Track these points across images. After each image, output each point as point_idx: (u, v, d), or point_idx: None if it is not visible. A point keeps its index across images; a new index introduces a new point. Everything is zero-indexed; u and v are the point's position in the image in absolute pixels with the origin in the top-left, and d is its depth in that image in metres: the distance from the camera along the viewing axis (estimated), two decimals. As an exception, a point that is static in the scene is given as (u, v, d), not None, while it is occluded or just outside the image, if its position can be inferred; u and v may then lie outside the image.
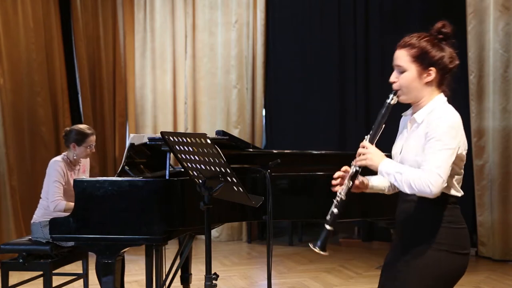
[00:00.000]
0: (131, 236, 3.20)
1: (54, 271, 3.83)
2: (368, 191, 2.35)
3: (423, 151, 2.07)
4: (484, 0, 5.80)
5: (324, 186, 3.74)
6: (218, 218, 3.48)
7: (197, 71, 7.32)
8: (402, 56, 2.15)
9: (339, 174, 2.24)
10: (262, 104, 7.17)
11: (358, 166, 2.18)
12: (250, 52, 7.11)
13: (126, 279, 4.06)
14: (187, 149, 2.58)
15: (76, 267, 4.38)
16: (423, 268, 2.10)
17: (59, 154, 4.23)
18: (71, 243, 3.64)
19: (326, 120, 6.91)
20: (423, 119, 2.13)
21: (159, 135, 2.89)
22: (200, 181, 2.65)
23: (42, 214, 3.91)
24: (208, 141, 2.43)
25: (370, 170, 2.20)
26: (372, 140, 2.19)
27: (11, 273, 3.83)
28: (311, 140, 6.67)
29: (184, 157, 2.66)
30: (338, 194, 2.20)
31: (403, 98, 2.18)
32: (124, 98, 7.54)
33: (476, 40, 5.85)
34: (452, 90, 2.21)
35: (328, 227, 2.18)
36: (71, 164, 4.02)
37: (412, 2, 6.43)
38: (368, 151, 2.16)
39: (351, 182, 2.19)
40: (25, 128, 6.25)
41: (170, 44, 7.37)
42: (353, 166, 2.19)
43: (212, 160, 2.50)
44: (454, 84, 2.22)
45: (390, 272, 2.21)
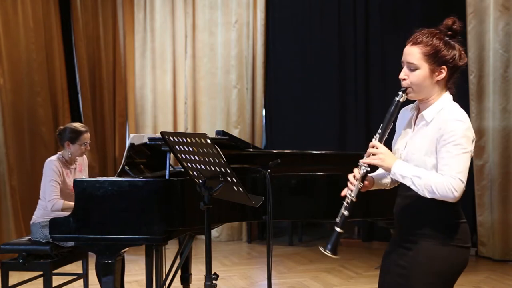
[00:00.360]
0: (131, 236, 3.20)
1: (54, 271, 3.83)
2: (372, 188, 2.32)
3: (433, 152, 2.06)
4: (484, 0, 5.80)
5: (324, 186, 3.79)
6: (218, 218, 3.48)
7: (197, 71, 7.32)
8: (414, 53, 2.11)
9: (352, 179, 2.18)
10: (262, 104, 7.17)
11: (368, 166, 2.15)
12: (250, 52, 7.11)
13: (126, 279, 4.05)
14: (187, 149, 2.58)
15: (76, 267, 4.38)
16: (427, 264, 2.09)
17: (59, 154, 4.23)
18: (71, 243, 3.63)
19: (326, 120, 6.91)
20: (432, 117, 2.11)
21: (159, 135, 2.89)
22: (200, 181, 2.65)
23: (41, 215, 3.90)
24: (208, 141, 2.43)
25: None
26: (381, 139, 2.15)
27: (11, 273, 3.83)
28: (311, 140, 6.67)
29: (184, 157, 2.66)
30: (348, 195, 2.16)
31: (412, 96, 2.16)
32: (124, 98, 7.54)
33: (476, 40, 5.85)
34: (457, 88, 2.20)
35: (338, 229, 2.14)
36: (67, 163, 4.00)
37: (412, 2, 6.43)
38: (380, 151, 2.13)
39: (362, 183, 2.16)
40: (25, 128, 6.25)
41: (170, 44, 7.37)
42: (363, 166, 2.16)
43: (212, 160, 2.50)
44: (460, 82, 2.21)
45: (391, 268, 2.20)
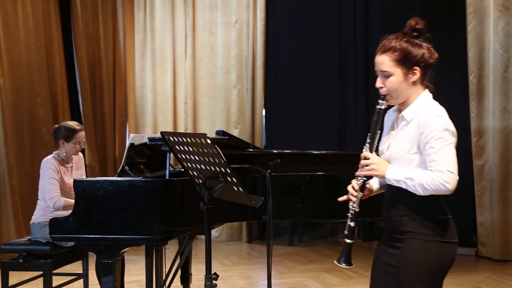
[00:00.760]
0: (131, 236, 3.20)
1: (54, 271, 3.82)
2: (372, 194, 2.39)
3: (416, 150, 2.11)
4: (484, 0, 5.80)
5: (324, 186, 3.79)
6: (218, 218, 3.47)
7: (197, 71, 7.32)
8: (385, 61, 2.18)
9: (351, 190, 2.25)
10: (262, 104, 7.17)
11: (364, 177, 2.23)
12: (250, 52, 7.11)
13: (126, 279, 4.06)
14: (187, 149, 2.58)
15: (76, 267, 4.38)
16: (416, 261, 2.12)
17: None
18: (71, 243, 3.63)
19: (326, 120, 6.91)
20: (412, 117, 2.16)
21: (159, 135, 2.89)
22: (200, 181, 2.65)
23: (40, 215, 3.90)
24: (208, 141, 2.43)
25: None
26: (371, 149, 2.23)
27: (11, 273, 3.83)
28: (311, 140, 6.67)
29: (184, 157, 2.66)
30: (351, 207, 2.23)
31: (392, 101, 2.23)
32: (124, 98, 7.54)
33: (476, 40, 5.84)
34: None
35: (348, 241, 2.23)
36: (63, 162, 4.00)
37: (412, 2, 6.43)
38: (371, 161, 2.20)
39: (361, 194, 2.24)
40: (25, 128, 6.25)
41: (170, 44, 7.37)
42: (359, 178, 2.23)
43: (212, 160, 2.50)
44: (459, 82, 2.25)
45: (381, 267, 2.23)
